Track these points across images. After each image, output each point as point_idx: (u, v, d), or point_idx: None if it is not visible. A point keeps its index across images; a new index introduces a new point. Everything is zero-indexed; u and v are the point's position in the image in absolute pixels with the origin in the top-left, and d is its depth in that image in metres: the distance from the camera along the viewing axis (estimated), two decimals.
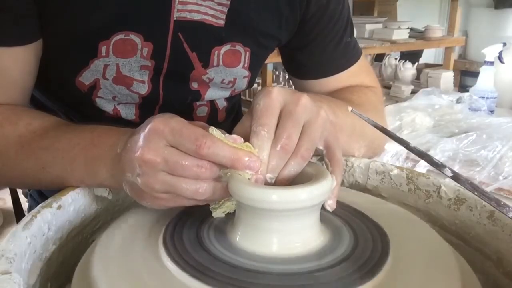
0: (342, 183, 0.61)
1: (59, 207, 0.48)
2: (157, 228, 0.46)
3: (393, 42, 2.80)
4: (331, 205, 0.43)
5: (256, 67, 0.74)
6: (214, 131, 0.42)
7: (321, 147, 0.46)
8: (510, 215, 0.39)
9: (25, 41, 0.59)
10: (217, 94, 0.73)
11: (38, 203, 0.47)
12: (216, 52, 0.67)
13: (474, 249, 0.49)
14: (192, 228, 0.45)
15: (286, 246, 0.41)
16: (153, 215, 0.49)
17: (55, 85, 0.68)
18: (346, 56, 0.77)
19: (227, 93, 0.75)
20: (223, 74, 0.70)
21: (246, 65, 0.71)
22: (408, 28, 2.93)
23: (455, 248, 0.46)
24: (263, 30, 0.69)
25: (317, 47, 0.75)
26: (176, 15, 0.62)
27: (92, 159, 0.50)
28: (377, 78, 0.85)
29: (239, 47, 0.69)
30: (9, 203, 1.52)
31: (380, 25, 3.00)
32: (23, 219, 0.43)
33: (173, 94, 0.68)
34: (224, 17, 0.65)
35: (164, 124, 0.42)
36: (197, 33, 0.64)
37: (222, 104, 0.78)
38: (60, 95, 0.65)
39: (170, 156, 0.41)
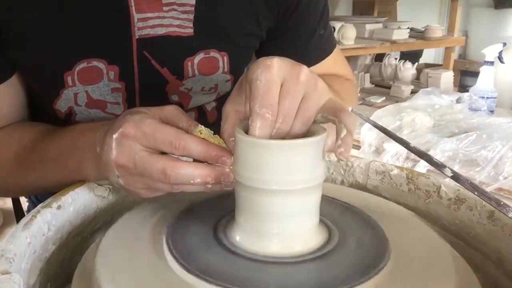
0: (342, 183, 0.61)
1: (59, 207, 0.48)
2: (159, 227, 0.46)
3: (393, 42, 2.80)
4: (342, 153, 0.39)
5: (239, 69, 0.70)
6: (203, 129, 0.44)
7: (320, 116, 0.43)
8: (510, 215, 0.39)
9: (2, 79, 0.59)
10: (201, 101, 0.70)
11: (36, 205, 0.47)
12: (189, 63, 0.64)
13: (474, 249, 0.49)
14: (194, 227, 0.45)
15: (286, 245, 0.41)
16: (155, 215, 0.49)
17: (37, 111, 0.67)
18: (319, 49, 0.75)
19: (212, 97, 0.71)
20: (201, 83, 0.66)
21: (226, 70, 0.67)
22: (408, 28, 2.93)
23: (455, 248, 0.46)
24: (239, 31, 0.66)
25: (288, 39, 0.71)
26: (137, 33, 0.59)
27: (77, 162, 0.53)
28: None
29: (214, 54, 0.65)
30: (9, 203, 1.52)
31: (380, 25, 3.00)
32: (23, 219, 0.43)
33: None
34: (191, 25, 0.62)
35: (135, 129, 0.43)
36: (164, 48, 0.61)
37: (211, 105, 0.74)
38: (43, 120, 0.64)
39: (140, 161, 0.43)
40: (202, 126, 0.45)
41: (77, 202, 0.51)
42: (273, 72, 0.40)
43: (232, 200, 0.43)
